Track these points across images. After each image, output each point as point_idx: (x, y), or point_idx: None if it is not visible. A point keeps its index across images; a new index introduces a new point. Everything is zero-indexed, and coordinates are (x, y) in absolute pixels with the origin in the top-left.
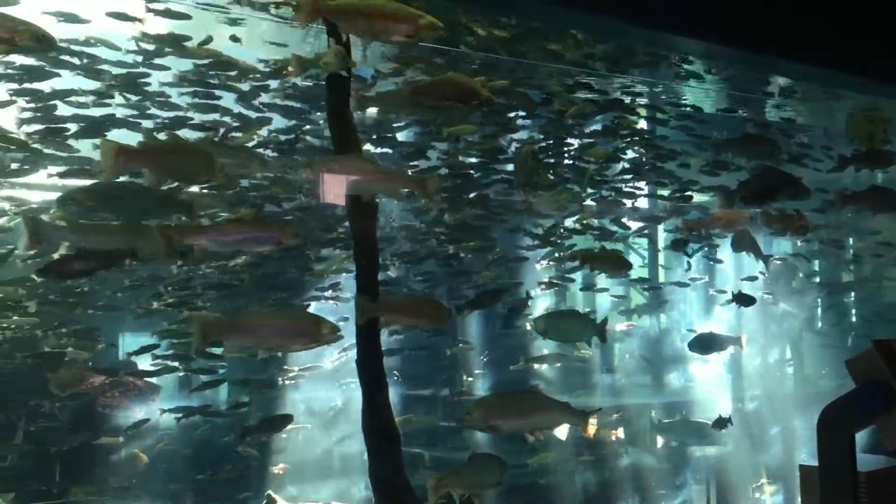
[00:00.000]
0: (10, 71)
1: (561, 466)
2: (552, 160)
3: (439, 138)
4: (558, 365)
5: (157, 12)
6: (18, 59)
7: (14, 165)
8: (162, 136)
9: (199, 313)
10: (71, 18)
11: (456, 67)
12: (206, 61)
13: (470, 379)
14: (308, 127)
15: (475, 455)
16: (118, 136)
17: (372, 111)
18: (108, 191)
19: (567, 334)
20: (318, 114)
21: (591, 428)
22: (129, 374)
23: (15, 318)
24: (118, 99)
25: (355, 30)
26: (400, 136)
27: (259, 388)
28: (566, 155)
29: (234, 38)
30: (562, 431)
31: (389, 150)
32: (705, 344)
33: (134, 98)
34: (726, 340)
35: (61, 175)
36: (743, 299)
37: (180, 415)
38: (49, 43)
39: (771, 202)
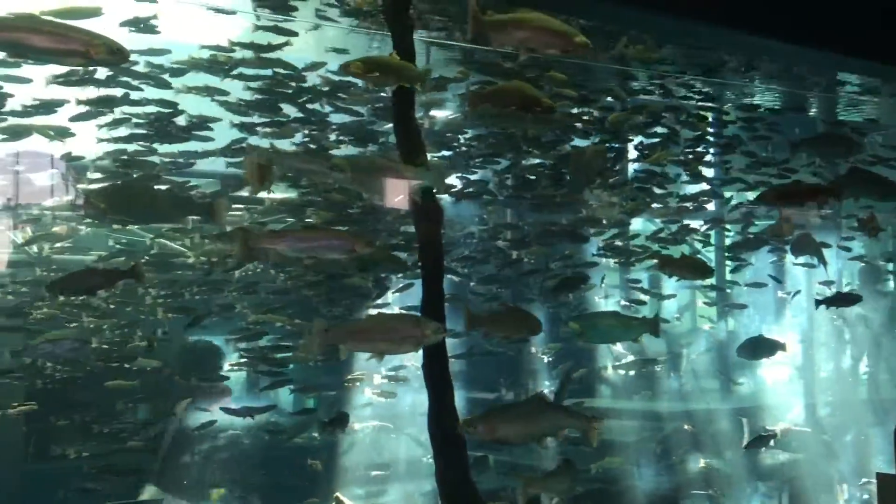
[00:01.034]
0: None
1: (625, 472)
2: (617, 164)
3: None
4: (624, 369)
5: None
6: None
7: None
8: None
9: (316, 320)
10: (146, 28)
11: (523, 73)
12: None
13: (535, 382)
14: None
15: (566, 461)
16: None
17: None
18: (126, 193)
19: (607, 335)
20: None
21: (595, 433)
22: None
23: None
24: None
25: (514, 42)
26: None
27: (324, 392)
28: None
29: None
30: (628, 435)
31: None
32: (753, 348)
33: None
34: (774, 345)
35: None
36: (842, 300)
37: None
38: (123, 56)
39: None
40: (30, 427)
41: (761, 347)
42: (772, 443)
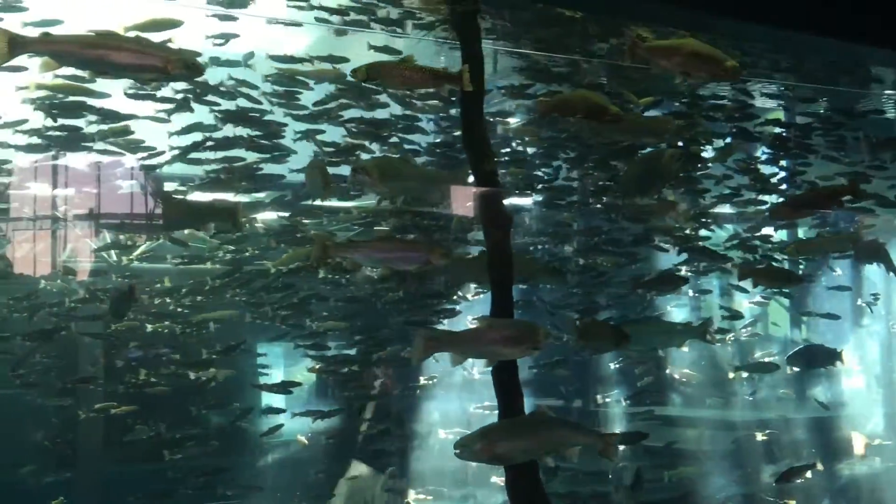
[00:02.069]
0: None
1: (700, 481)
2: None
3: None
4: (694, 376)
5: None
6: None
7: None
8: None
9: (422, 328)
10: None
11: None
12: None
13: (603, 389)
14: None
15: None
16: None
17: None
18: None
19: (652, 341)
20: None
21: (611, 449)
22: None
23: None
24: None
25: (670, 67)
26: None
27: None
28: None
29: None
30: (702, 444)
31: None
32: (806, 357)
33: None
34: (829, 354)
35: None
36: None
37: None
38: (198, 70)
39: None
40: (108, 430)
41: (815, 356)
42: (808, 474)
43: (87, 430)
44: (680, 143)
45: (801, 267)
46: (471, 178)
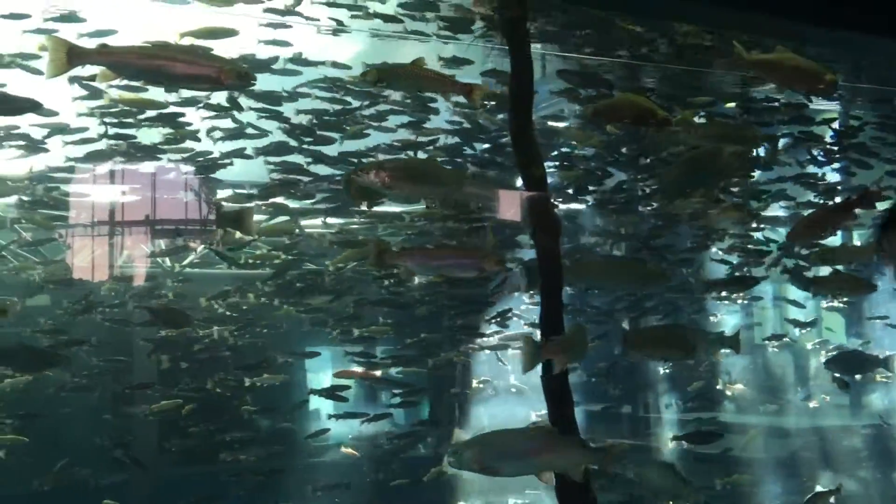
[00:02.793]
0: None
1: (753, 489)
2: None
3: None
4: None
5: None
6: None
7: None
8: None
9: (525, 335)
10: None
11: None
12: None
13: (654, 394)
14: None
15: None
16: None
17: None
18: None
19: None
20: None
21: (613, 466)
22: None
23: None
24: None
25: (771, 79)
26: None
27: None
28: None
29: None
30: (755, 452)
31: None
32: (846, 363)
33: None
34: (870, 360)
35: None
36: None
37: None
38: (249, 80)
39: None
40: (163, 432)
41: (855, 362)
42: (832, 500)
43: (141, 433)
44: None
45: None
46: (520, 183)
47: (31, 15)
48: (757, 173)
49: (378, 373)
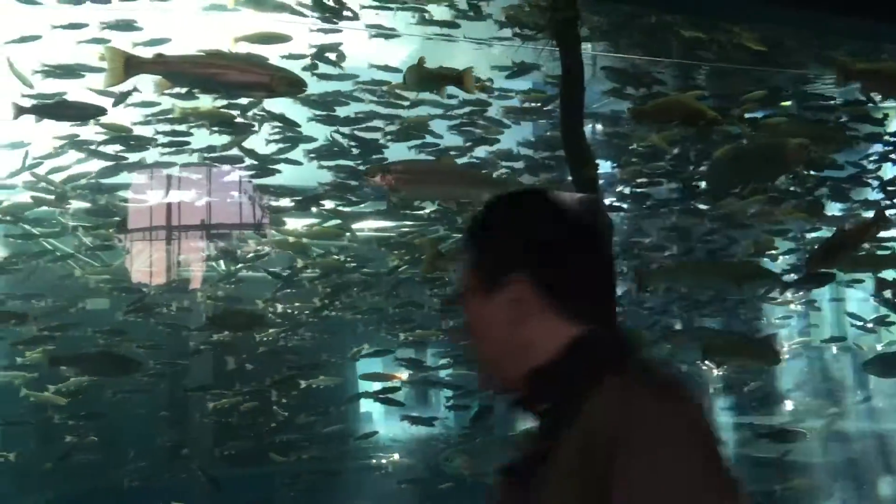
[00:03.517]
0: None
1: (813, 495)
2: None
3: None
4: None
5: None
6: None
7: None
8: None
9: (709, 337)
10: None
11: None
12: None
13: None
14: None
15: None
16: None
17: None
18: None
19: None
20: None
21: None
22: None
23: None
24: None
25: (876, 89)
26: None
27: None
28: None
29: None
30: (813, 456)
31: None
32: (884, 365)
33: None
34: None
35: None
36: None
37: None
38: (301, 87)
39: None
40: (218, 433)
41: (893, 364)
42: None
43: (197, 433)
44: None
45: None
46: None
47: (88, 24)
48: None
49: (405, 375)
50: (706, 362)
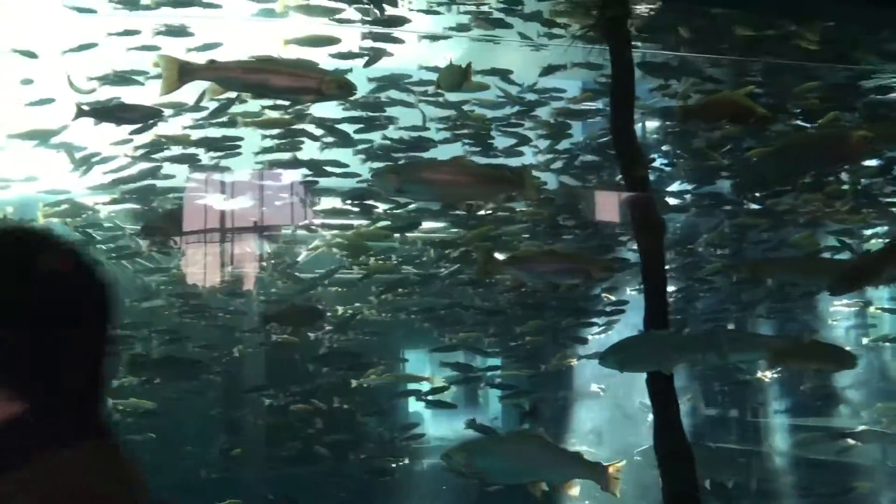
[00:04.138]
0: None
1: (874, 498)
2: None
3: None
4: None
5: None
6: None
7: None
8: None
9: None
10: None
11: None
12: None
13: (764, 398)
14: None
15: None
16: None
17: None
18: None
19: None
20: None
21: (615, 483)
22: None
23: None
24: None
25: None
26: None
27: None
28: None
29: None
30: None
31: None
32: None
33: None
34: None
35: None
36: None
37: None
38: (350, 90)
39: None
40: (271, 433)
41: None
42: None
43: (252, 433)
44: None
45: None
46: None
47: (142, 31)
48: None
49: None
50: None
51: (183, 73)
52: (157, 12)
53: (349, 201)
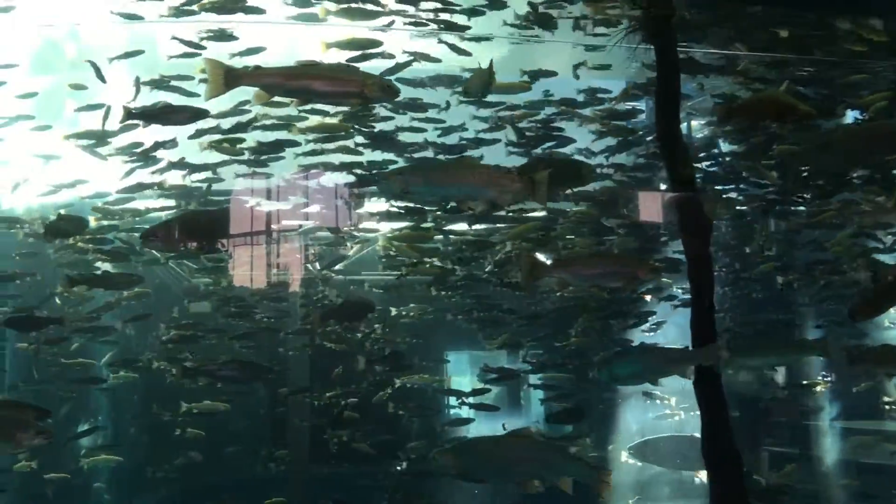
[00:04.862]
0: None
1: None
2: None
3: None
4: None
5: None
6: None
7: None
8: None
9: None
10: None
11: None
12: None
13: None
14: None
15: None
16: None
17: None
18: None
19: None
20: None
21: (605, 486)
22: None
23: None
24: None
25: None
26: None
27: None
28: None
29: None
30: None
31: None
32: None
33: None
34: None
35: None
36: None
37: None
38: (393, 93)
39: None
40: (315, 433)
41: None
42: None
43: (296, 434)
44: None
45: None
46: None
47: (188, 38)
48: None
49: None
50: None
51: (228, 78)
52: (202, 19)
53: (393, 203)
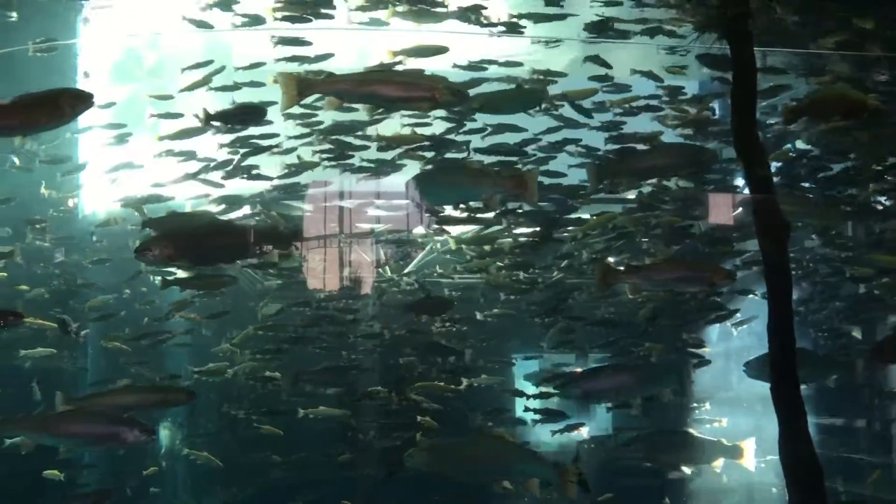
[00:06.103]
0: None
1: None
2: None
3: None
4: None
5: None
6: None
7: None
8: None
9: None
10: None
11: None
12: None
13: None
14: None
15: None
16: None
17: None
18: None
19: None
20: None
21: (568, 486)
22: None
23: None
24: None
25: None
26: None
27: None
28: None
29: None
30: None
31: None
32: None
33: None
34: None
35: None
36: None
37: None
38: (463, 97)
39: None
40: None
41: None
42: None
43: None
44: None
45: None
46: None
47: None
48: None
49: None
50: None
51: (301, 88)
52: (274, 28)
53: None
